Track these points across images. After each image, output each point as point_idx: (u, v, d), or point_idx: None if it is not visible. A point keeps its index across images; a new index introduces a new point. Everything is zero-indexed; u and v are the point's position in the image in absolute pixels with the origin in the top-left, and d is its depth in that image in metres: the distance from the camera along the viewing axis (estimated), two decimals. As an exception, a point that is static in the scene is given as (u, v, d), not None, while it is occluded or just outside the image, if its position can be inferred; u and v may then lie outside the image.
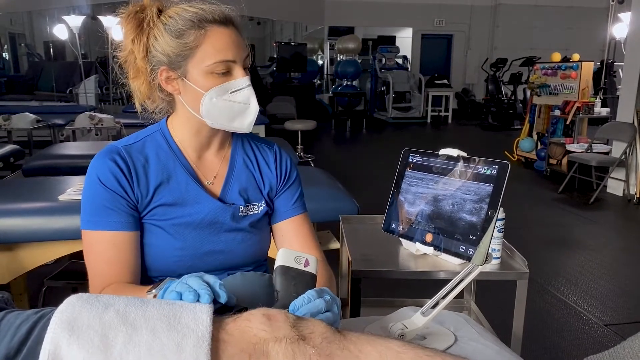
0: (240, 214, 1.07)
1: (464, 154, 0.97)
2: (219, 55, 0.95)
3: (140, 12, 0.97)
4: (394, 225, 1.06)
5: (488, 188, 0.89)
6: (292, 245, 1.10)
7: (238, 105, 0.99)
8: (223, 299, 0.68)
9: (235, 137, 1.13)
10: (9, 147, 3.98)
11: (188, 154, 1.07)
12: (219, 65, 0.95)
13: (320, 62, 12.84)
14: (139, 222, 1.02)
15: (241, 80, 0.98)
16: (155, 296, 0.76)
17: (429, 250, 1.01)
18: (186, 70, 0.97)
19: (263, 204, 1.11)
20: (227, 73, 0.97)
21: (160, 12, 0.98)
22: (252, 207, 1.09)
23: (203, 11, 0.96)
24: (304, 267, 0.82)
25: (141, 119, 1.10)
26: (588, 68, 5.65)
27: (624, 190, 4.85)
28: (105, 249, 0.98)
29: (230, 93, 0.98)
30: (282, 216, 1.13)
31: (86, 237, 0.99)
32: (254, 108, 1.00)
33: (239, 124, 1.01)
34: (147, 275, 1.04)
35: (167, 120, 1.09)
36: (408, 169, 1.06)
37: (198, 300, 0.65)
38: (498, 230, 1.44)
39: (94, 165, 1.00)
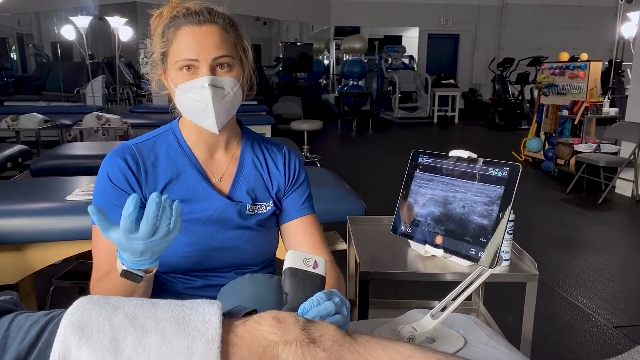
0: (248, 212, 1.08)
1: (474, 156, 0.96)
2: (183, 53, 0.97)
3: (161, 14, 1.03)
4: (402, 227, 1.05)
5: (499, 190, 0.88)
6: (300, 246, 1.11)
7: (199, 105, 0.99)
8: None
9: (245, 138, 1.14)
10: (17, 147, 3.99)
11: (197, 153, 1.08)
12: (181, 63, 0.98)
13: (326, 62, 12.84)
14: None
15: (201, 80, 0.97)
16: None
17: (439, 252, 1.00)
18: (167, 68, 1.02)
19: (271, 204, 1.11)
20: (194, 72, 0.98)
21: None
22: (259, 206, 1.10)
23: (182, 9, 0.98)
24: (313, 268, 0.82)
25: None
26: (596, 68, 5.61)
27: (632, 190, 4.81)
28: (105, 246, 0.99)
29: (193, 92, 0.98)
30: (290, 216, 1.14)
31: (94, 232, 1.02)
32: (211, 109, 0.98)
33: (206, 123, 1.01)
34: (159, 272, 1.04)
35: (179, 120, 1.11)
36: (417, 170, 1.05)
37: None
38: (508, 232, 1.42)
39: (105, 163, 1.04)
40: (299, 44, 11.36)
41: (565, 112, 5.68)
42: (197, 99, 0.98)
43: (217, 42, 0.97)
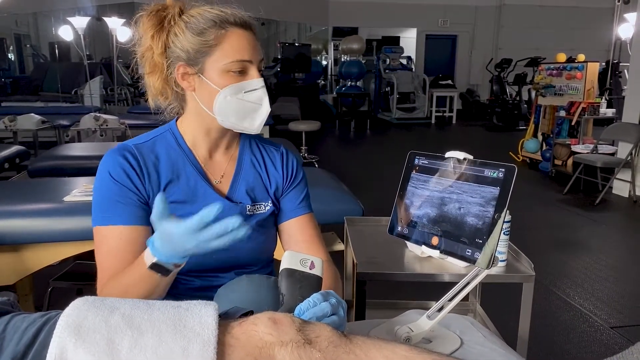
0: (247, 212, 1.08)
1: (470, 157, 0.97)
2: (237, 54, 0.99)
3: (162, 10, 1.01)
4: (399, 228, 1.05)
5: (494, 191, 0.88)
6: (297, 245, 1.11)
7: (250, 105, 1.01)
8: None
9: (242, 138, 1.15)
10: (14, 148, 3.99)
11: (197, 154, 1.09)
12: (236, 64, 0.99)
13: (324, 62, 12.84)
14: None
15: (256, 81, 1.01)
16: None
17: (435, 253, 1.01)
18: (203, 67, 1.00)
19: (269, 204, 1.12)
20: (242, 73, 1.00)
21: (181, 12, 1.02)
22: (258, 206, 1.10)
23: (225, 13, 1.00)
24: (310, 269, 0.82)
25: (152, 114, 1.13)
26: (593, 68, 5.63)
27: (629, 191, 4.82)
28: (115, 243, 0.98)
29: (244, 92, 1.00)
30: (288, 215, 1.14)
31: (97, 234, 1.00)
32: (265, 109, 1.02)
33: (249, 124, 1.03)
34: None
35: (176, 121, 1.11)
36: (414, 171, 1.05)
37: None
38: (504, 233, 1.43)
39: (104, 161, 1.02)
40: (297, 44, 11.35)
41: (562, 113, 5.69)
42: (251, 100, 1.01)
43: (258, 46, 1.03)
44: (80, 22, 7.28)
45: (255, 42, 1.02)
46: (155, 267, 0.84)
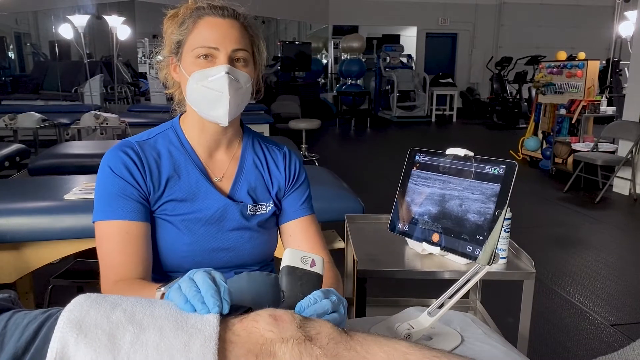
0: (249, 212, 1.08)
1: (471, 154, 0.97)
2: (203, 41, 0.98)
3: (174, 15, 1.05)
4: (400, 225, 1.05)
5: (495, 188, 0.88)
6: (299, 246, 1.11)
7: (213, 93, 0.98)
8: (225, 310, 0.64)
9: (245, 137, 1.14)
10: (14, 146, 3.98)
11: (198, 151, 1.08)
12: (200, 50, 0.98)
13: (324, 61, 12.84)
14: (150, 216, 1.03)
15: (219, 68, 0.98)
16: (163, 295, 0.76)
17: (436, 250, 1.01)
18: (181, 57, 1.02)
19: (271, 204, 1.11)
20: (210, 61, 0.99)
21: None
22: (260, 206, 1.10)
23: (205, 3, 1.01)
24: (310, 267, 0.82)
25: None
26: (594, 67, 5.62)
27: (630, 189, 4.82)
28: (116, 238, 0.98)
29: (209, 80, 0.98)
30: (290, 216, 1.14)
31: (98, 229, 1.00)
32: (225, 98, 0.98)
33: (216, 113, 1.01)
34: (162, 271, 1.05)
35: (179, 118, 1.11)
36: (414, 168, 1.05)
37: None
38: (505, 230, 1.43)
39: (106, 157, 1.03)
40: (297, 43, 11.35)
41: (562, 111, 5.69)
42: (212, 87, 0.98)
43: (237, 36, 0.99)
44: (80, 20, 7.27)
45: (233, 31, 0.99)
46: None
